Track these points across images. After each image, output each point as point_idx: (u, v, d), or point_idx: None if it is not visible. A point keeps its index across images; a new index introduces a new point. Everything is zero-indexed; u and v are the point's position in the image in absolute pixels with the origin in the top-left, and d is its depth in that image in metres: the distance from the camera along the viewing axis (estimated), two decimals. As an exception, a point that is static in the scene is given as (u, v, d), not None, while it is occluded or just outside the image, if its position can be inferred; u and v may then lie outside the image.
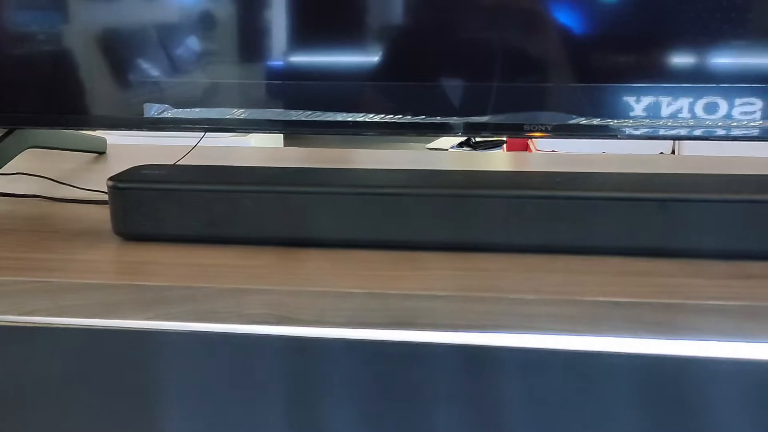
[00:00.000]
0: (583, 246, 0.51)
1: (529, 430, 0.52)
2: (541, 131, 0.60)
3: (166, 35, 0.62)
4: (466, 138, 2.06)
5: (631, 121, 0.58)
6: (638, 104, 0.58)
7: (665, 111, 0.58)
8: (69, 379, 0.53)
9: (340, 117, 0.61)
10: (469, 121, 0.60)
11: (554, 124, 0.59)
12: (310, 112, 0.61)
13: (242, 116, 0.62)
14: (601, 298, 0.45)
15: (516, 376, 0.50)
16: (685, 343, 0.46)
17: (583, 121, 0.59)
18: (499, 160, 0.93)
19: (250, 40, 0.63)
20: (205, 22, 0.62)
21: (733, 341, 0.45)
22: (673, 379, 0.49)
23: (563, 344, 0.48)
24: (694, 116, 0.57)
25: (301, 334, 0.49)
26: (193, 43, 0.62)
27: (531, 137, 0.62)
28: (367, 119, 0.61)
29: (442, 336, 0.48)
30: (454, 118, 0.60)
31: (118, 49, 0.63)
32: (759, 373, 0.47)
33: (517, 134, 0.63)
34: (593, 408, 0.50)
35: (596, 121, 0.59)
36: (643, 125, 0.58)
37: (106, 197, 0.56)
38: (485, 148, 1.90)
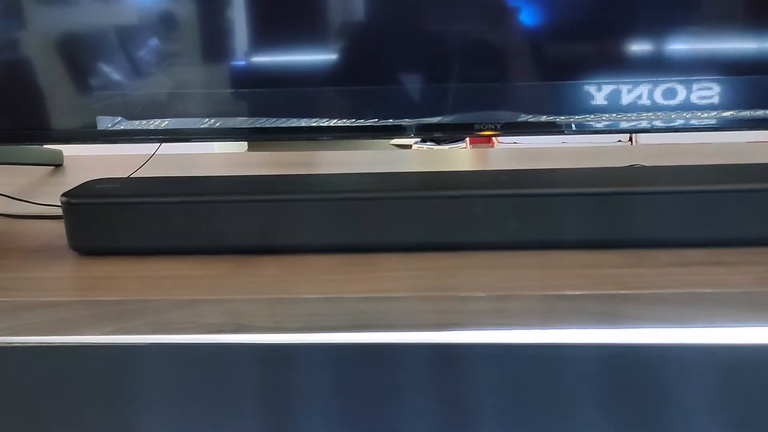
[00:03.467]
0: (529, 241, 0.53)
1: (491, 423, 0.53)
2: (491, 129, 0.61)
3: (118, 45, 0.62)
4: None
5: (576, 117, 0.60)
6: (582, 100, 0.59)
7: (608, 105, 0.59)
8: (29, 398, 0.53)
9: (295, 123, 0.62)
10: (421, 122, 0.61)
11: (503, 122, 0.60)
12: (264, 119, 0.62)
13: (196, 126, 0.62)
14: (547, 292, 0.47)
15: (472, 371, 0.52)
16: (632, 331, 0.48)
17: (530, 118, 0.60)
18: (458, 157, 0.95)
19: (205, 48, 0.63)
20: (159, 32, 0.62)
21: (675, 327, 0.47)
22: (622, 367, 0.51)
23: (515, 338, 0.49)
24: (638, 109, 0.59)
25: (259, 341, 0.49)
26: (145, 53, 0.62)
27: (482, 136, 0.63)
28: (322, 124, 0.62)
29: (399, 336, 0.49)
30: (407, 120, 0.61)
31: (68, 62, 0.63)
32: (700, 357, 0.49)
33: (469, 133, 0.64)
34: (551, 398, 0.52)
35: (543, 118, 0.60)
36: (587, 120, 0.60)
37: (61, 212, 0.56)
38: (448, 143, 1.91)
